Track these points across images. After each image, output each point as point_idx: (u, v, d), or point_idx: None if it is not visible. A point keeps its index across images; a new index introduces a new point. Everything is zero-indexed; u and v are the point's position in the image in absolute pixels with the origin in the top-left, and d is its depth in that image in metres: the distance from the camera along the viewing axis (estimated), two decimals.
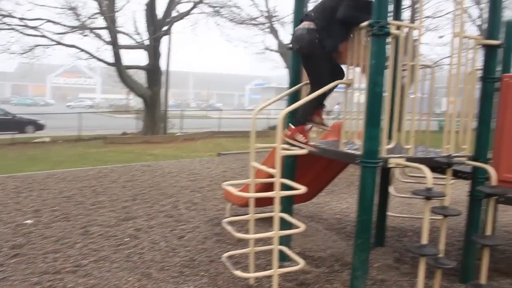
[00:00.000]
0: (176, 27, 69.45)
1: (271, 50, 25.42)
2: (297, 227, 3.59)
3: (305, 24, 3.89)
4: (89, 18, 19.15)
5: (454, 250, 4.90)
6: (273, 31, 24.13)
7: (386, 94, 3.41)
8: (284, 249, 3.90)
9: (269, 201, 3.95)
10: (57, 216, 6.04)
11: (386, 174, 5.05)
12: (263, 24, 24.07)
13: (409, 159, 3.41)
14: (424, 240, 3.16)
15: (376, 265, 4.45)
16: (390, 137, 3.60)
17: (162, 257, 4.56)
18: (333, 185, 7.62)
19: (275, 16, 23.54)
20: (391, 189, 5.29)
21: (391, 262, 4.57)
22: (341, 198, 7.61)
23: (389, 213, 5.33)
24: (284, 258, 4.08)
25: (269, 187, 3.95)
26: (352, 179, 8.84)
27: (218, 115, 28.35)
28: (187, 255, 4.64)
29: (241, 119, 23.06)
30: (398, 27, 3.31)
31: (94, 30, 19.31)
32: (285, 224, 3.79)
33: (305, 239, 5.18)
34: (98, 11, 18.59)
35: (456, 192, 7.32)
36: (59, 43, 19.12)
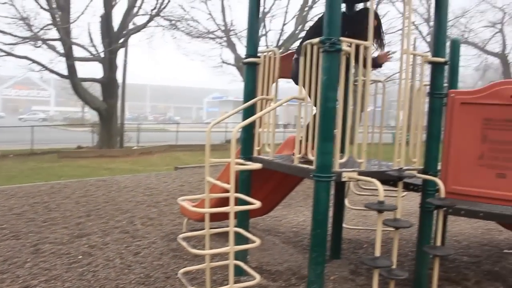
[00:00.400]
0: (133, 39, 68.69)
1: (228, 64, 25.56)
2: (253, 242, 3.59)
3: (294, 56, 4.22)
4: (42, 29, 18.67)
5: (407, 260, 5.02)
6: (230, 45, 24.31)
7: (338, 106, 3.47)
8: (241, 264, 3.88)
9: (225, 216, 3.93)
10: (6, 234, 5.81)
11: (341, 187, 5.12)
12: (220, 37, 24.22)
13: (362, 173, 3.47)
14: (377, 252, 3.22)
15: (332, 278, 4.50)
16: (343, 150, 3.65)
17: (117, 275, 4.46)
18: (290, 198, 7.68)
19: (232, 30, 23.75)
20: (346, 202, 5.37)
21: (347, 274, 4.62)
22: (298, 211, 7.67)
23: (344, 226, 5.40)
24: (241, 273, 4.07)
25: (225, 201, 3.93)
26: (309, 192, 8.92)
27: (175, 128, 28.05)
28: (143, 271, 4.56)
29: (199, 132, 22.97)
30: (350, 44, 3.39)
31: (47, 42, 18.85)
32: (241, 239, 3.78)
33: (262, 253, 5.18)
34: (51, 22, 18.19)
35: (410, 203, 7.51)
36: (9, 54, 18.53)
